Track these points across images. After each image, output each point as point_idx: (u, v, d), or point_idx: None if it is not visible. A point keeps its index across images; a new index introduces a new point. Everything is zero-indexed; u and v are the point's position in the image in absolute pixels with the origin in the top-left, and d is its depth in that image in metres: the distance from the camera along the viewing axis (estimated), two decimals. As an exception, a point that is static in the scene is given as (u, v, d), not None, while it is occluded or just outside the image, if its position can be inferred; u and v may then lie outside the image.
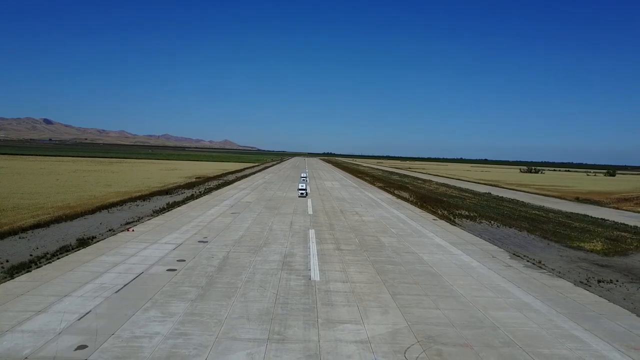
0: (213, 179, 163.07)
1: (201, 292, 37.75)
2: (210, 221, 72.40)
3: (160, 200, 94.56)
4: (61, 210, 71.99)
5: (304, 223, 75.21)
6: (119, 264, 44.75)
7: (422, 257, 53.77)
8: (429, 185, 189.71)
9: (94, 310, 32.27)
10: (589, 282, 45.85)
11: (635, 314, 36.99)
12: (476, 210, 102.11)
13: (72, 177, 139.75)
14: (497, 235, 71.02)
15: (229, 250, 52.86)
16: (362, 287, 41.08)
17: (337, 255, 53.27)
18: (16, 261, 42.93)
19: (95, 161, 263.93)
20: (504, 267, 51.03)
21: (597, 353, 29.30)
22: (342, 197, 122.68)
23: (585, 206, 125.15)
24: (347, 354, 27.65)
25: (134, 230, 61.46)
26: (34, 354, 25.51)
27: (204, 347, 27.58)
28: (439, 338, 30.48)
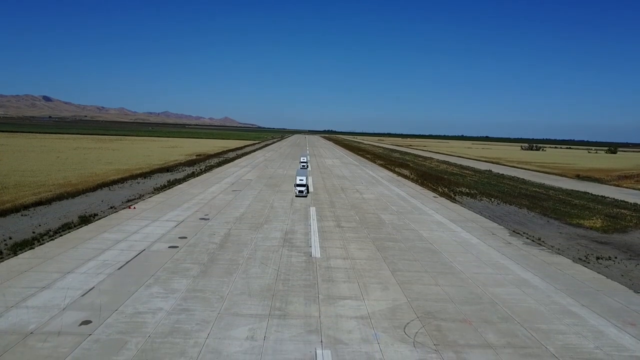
0: (214, 157, 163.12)
1: (203, 268, 38.11)
2: (211, 199, 72.64)
3: (161, 178, 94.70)
4: (62, 188, 72.21)
5: (305, 201, 75.47)
6: (121, 241, 45.06)
7: (422, 234, 54.05)
8: (430, 162, 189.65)
9: (97, 287, 32.63)
10: (587, 259, 46.19)
11: (633, 290, 37.37)
12: (477, 188, 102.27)
13: (73, 155, 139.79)
14: (497, 213, 71.27)
15: (231, 228, 53.15)
16: (362, 264, 41.42)
17: (337, 232, 53.56)
18: (19, 238, 43.23)
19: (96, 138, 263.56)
20: (504, 244, 51.34)
21: (594, 328, 29.70)
22: (342, 174, 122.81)
23: (586, 183, 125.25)
24: (347, 329, 28.04)
25: (135, 208, 61.72)
26: (39, 329, 25.90)
27: (207, 322, 27.97)
28: (439, 314, 30.86)
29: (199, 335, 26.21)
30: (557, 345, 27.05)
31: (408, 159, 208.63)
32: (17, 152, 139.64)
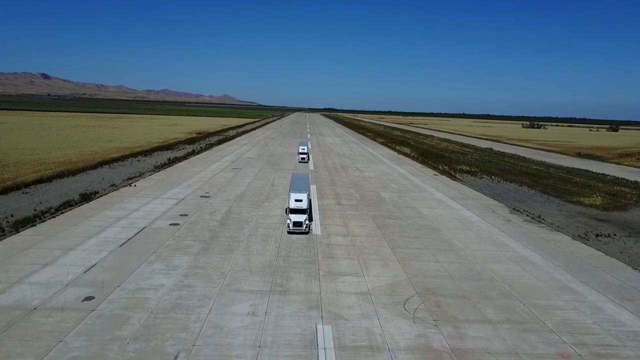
0: (214, 135, 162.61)
1: (204, 245, 38.31)
2: (211, 176, 72.65)
3: (161, 156, 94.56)
4: (63, 166, 72.17)
5: (305, 178, 75.43)
6: (122, 218, 45.21)
7: (422, 212, 54.19)
8: (431, 140, 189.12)
9: (99, 264, 32.85)
10: (587, 236, 46.38)
11: (632, 267, 37.62)
12: (477, 166, 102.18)
13: (73, 133, 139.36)
14: (497, 190, 71.33)
15: (231, 205, 53.27)
16: (362, 241, 41.63)
17: (338, 210, 53.70)
18: (21, 216, 43.38)
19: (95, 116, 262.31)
20: (504, 221, 51.51)
21: (592, 304, 29.98)
22: (343, 153, 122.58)
23: (587, 161, 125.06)
24: (347, 305, 28.32)
25: (136, 186, 61.78)
26: (43, 305, 26.17)
27: (208, 298, 28.23)
28: (438, 290, 31.12)
29: (201, 311, 26.49)
30: (555, 320, 27.34)
31: (409, 137, 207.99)
32: (17, 130, 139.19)
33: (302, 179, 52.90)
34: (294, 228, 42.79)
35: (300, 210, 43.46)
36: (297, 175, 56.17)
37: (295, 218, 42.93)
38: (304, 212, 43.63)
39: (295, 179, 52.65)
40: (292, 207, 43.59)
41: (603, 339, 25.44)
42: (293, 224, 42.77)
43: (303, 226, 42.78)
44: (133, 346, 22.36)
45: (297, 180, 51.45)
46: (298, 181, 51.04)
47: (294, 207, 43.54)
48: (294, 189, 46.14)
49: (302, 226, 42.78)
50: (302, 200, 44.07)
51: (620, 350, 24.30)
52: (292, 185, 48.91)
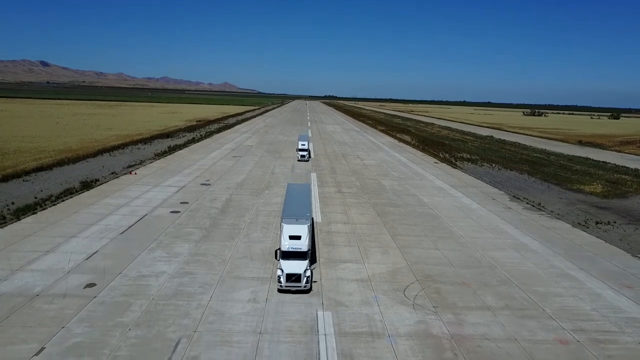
0: (214, 122, 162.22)
1: (205, 233, 38.42)
2: (212, 164, 72.62)
3: (161, 144, 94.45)
4: (63, 154, 72.11)
5: (306, 166, 75.43)
6: (123, 206, 45.28)
7: (423, 200, 54.24)
8: (431, 128, 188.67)
9: (100, 251, 32.98)
10: (587, 224, 46.46)
11: (631, 254, 37.74)
12: (478, 154, 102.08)
13: (72, 121, 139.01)
14: (497, 178, 71.33)
15: (232, 193, 53.32)
16: (362, 229, 41.73)
17: (338, 198, 53.75)
18: (21, 203, 43.44)
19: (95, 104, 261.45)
20: (504, 209, 51.57)
21: (591, 291, 30.13)
22: (343, 140, 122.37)
23: (588, 149, 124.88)
24: (348, 291, 28.46)
25: (136, 174, 61.80)
26: (45, 292, 26.32)
27: (209, 285, 28.37)
28: (438, 277, 31.26)
29: (202, 297, 26.64)
30: (555, 307, 27.50)
31: (409, 124, 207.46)
32: (16, 118, 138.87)
33: (301, 195, 37.24)
34: (287, 284, 27.45)
35: (297, 253, 28.53)
36: (293, 187, 40.67)
37: (290, 268, 27.80)
38: (303, 257, 28.59)
39: (291, 195, 36.93)
40: (285, 250, 28.64)
41: (602, 325, 25.61)
42: (286, 277, 27.47)
43: (302, 280, 27.56)
44: (135, 332, 22.53)
45: (294, 199, 35.72)
46: (295, 201, 35.29)
47: (288, 250, 28.63)
48: (289, 214, 31.28)
49: (301, 280, 27.55)
50: (301, 237, 29.01)
51: (619, 336, 24.48)
52: (285, 207, 33.68)
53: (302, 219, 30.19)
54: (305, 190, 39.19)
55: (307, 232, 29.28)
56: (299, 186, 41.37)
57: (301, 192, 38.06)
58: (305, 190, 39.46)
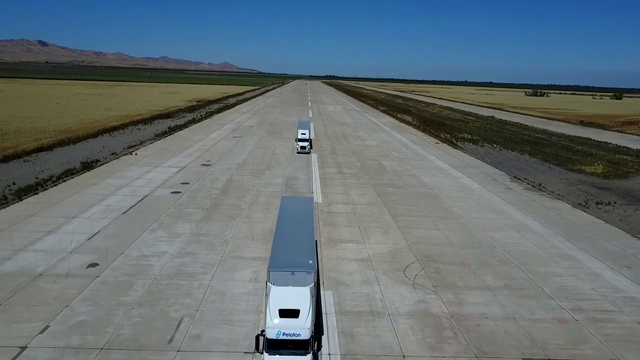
0: (214, 103, 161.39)
1: (206, 213, 38.53)
2: (212, 145, 72.48)
3: (161, 124, 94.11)
4: (63, 134, 71.96)
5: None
6: (124, 186, 45.34)
7: (423, 180, 54.26)
8: (433, 108, 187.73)
9: (102, 231, 33.12)
10: (587, 204, 46.55)
11: (631, 235, 37.89)
12: (479, 134, 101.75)
13: (72, 101, 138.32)
14: (498, 159, 71.24)
15: (232, 174, 53.33)
16: (363, 209, 41.83)
17: (339, 178, 53.77)
18: (23, 184, 43.50)
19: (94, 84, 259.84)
20: (504, 189, 51.61)
21: (590, 271, 30.33)
22: (344, 121, 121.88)
23: (589, 129, 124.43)
24: (348, 271, 28.66)
25: (137, 154, 61.73)
26: (48, 271, 26.52)
27: (211, 265, 28.57)
28: (438, 257, 31.44)
29: (204, 277, 26.85)
30: (554, 287, 27.71)
31: (410, 105, 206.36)
32: (16, 98, 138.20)
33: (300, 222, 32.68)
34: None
35: (294, 343, 32.39)
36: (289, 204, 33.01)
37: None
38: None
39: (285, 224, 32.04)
40: (272, 338, 30.79)
41: (600, 304, 25.84)
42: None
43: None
44: (138, 311, 22.77)
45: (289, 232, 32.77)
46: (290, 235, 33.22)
47: (277, 338, 31.63)
48: (279, 264, 28.37)
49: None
50: (299, 313, 35.05)
51: (617, 315, 24.72)
52: (275, 249, 30.29)
53: (301, 274, 20.57)
54: (307, 212, 27.47)
55: (310, 299, 19.59)
56: (297, 202, 29.59)
57: (301, 217, 26.83)
58: (307, 211, 27.72)
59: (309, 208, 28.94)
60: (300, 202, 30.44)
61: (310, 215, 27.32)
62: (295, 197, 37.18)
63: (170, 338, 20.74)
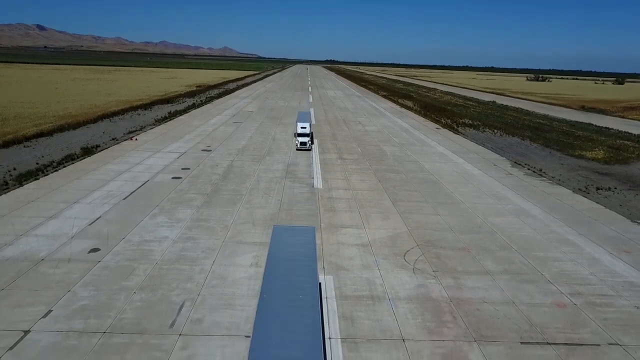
0: (214, 88, 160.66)
1: (207, 199, 38.61)
2: (212, 130, 72.33)
3: (161, 109, 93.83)
4: (63, 119, 71.75)
5: (307, 132, 75.07)
6: (124, 172, 45.37)
7: (424, 166, 54.24)
8: (434, 93, 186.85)
9: (103, 217, 33.23)
10: (587, 190, 46.59)
11: (630, 220, 37.98)
12: (480, 119, 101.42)
13: (71, 86, 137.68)
14: (499, 144, 71.12)
15: (233, 159, 53.31)
16: (363, 194, 41.89)
17: (339, 164, 53.75)
18: (23, 169, 43.53)
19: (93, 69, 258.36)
20: (505, 175, 51.62)
21: (589, 256, 30.47)
22: (345, 106, 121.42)
23: (591, 115, 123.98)
24: (349, 256, 28.81)
25: (137, 139, 61.66)
26: (50, 256, 26.67)
27: (212, 250, 28.71)
28: (438, 242, 31.57)
29: (205, 262, 27.00)
30: (553, 271, 27.86)
31: (411, 90, 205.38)
32: (15, 83, 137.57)
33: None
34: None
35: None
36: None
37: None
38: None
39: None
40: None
41: (599, 289, 26.01)
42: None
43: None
44: (140, 296, 22.94)
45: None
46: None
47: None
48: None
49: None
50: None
51: (615, 299, 24.89)
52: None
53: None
54: (308, 254, 23.44)
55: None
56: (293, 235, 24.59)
57: (299, 262, 22.75)
58: (308, 252, 23.74)
59: (310, 247, 22.12)
60: (298, 235, 23.54)
61: (312, 258, 21.20)
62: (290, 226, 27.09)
63: (172, 322, 20.93)
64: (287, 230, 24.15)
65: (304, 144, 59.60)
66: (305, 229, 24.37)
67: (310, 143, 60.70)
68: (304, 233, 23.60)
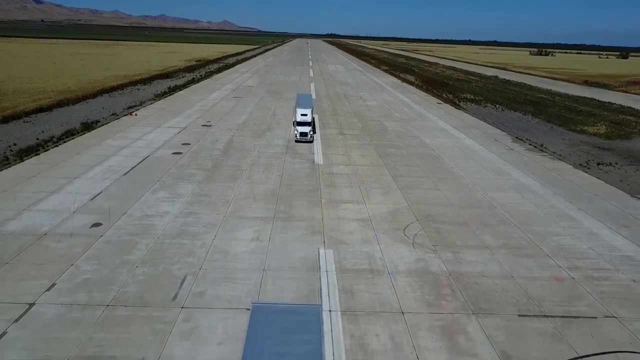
0: (213, 62, 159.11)
1: (207, 174, 38.67)
2: (212, 105, 71.93)
3: (161, 84, 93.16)
4: (62, 95, 71.32)
5: (307, 107, 74.67)
6: (124, 147, 45.32)
7: (425, 141, 54.11)
8: (436, 68, 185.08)
9: (104, 192, 33.35)
10: (588, 165, 46.57)
11: (630, 195, 38.06)
12: (482, 94, 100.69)
13: (69, 61, 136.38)
14: (501, 119, 70.76)
15: (233, 135, 53.16)
16: (364, 170, 41.92)
17: (340, 140, 53.59)
18: (23, 145, 43.49)
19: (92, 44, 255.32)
20: (506, 150, 51.52)
21: (588, 230, 30.65)
22: (346, 81, 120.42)
23: (593, 90, 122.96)
24: (349, 230, 29.00)
25: (137, 115, 61.38)
26: (52, 231, 26.87)
27: (213, 225, 28.90)
28: (438, 217, 31.73)
29: (206, 236, 27.21)
30: (552, 246, 28.07)
31: (413, 64, 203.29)
32: (13, 58, 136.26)
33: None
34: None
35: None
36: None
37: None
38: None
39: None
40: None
41: (596, 263, 26.25)
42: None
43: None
44: (142, 269, 23.20)
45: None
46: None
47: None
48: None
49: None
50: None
51: (612, 273, 25.14)
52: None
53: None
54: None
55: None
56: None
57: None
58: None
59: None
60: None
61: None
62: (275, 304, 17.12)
63: (174, 295, 21.22)
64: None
65: (304, 135, 50.50)
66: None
67: (312, 133, 51.61)
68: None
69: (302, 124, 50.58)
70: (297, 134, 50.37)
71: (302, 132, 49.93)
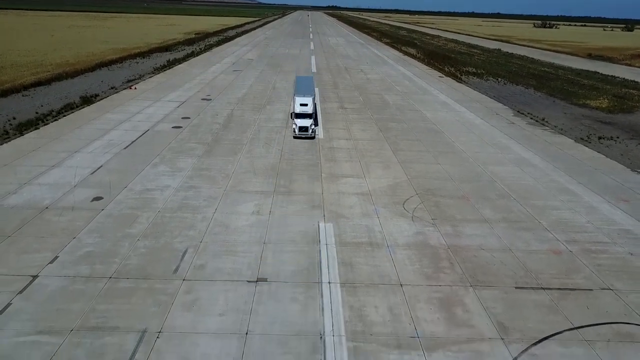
0: (213, 35, 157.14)
1: (208, 148, 38.64)
2: (212, 79, 71.35)
3: (160, 58, 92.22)
4: (61, 68, 70.74)
5: (308, 81, 74.05)
6: (124, 121, 45.17)
7: (426, 115, 53.82)
8: (438, 41, 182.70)
9: (105, 166, 33.40)
10: (589, 139, 46.41)
11: (631, 169, 38.05)
12: (484, 68, 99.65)
13: (68, 33, 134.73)
14: (502, 93, 70.21)
15: (233, 108, 52.90)
16: (364, 144, 41.83)
17: (340, 113, 53.33)
18: (23, 118, 43.35)
19: (90, 16, 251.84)
20: (507, 124, 51.29)
21: (587, 204, 30.75)
22: (347, 54, 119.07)
23: (597, 63, 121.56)
24: (349, 204, 29.13)
25: (136, 88, 60.97)
26: (54, 205, 27.02)
27: (213, 198, 29.03)
28: (438, 191, 31.81)
29: (207, 210, 27.36)
30: (551, 219, 28.21)
31: (415, 37, 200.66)
32: (10, 31, 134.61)
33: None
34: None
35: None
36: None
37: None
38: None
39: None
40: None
41: (594, 236, 26.42)
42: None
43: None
44: (143, 242, 23.41)
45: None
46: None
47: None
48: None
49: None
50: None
51: (610, 246, 25.33)
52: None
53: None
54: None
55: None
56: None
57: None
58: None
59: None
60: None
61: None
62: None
63: (175, 268, 21.47)
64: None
65: (304, 130, 42.19)
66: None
67: (313, 127, 43.23)
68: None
69: (302, 115, 42.51)
70: (295, 128, 42.37)
71: (302, 127, 42.09)
